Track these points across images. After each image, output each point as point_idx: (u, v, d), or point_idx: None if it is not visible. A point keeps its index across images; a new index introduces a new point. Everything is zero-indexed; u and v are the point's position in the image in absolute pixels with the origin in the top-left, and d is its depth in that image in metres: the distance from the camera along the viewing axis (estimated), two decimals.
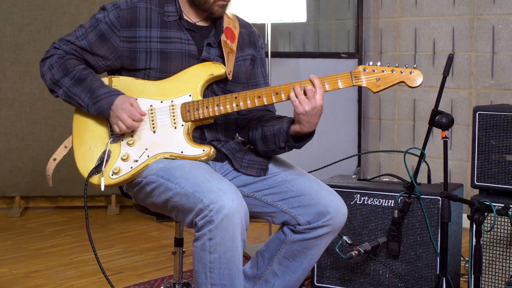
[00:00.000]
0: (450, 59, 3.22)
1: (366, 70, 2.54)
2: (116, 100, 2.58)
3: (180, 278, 2.91)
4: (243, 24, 2.83)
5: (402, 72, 2.53)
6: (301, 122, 2.51)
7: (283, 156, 2.76)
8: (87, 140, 2.67)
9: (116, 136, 2.63)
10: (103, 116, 2.62)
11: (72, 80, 2.62)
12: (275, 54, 4.92)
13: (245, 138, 2.78)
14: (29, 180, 5.32)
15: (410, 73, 2.53)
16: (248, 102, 2.56)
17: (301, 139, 2.60)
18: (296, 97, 2.48)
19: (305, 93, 2.48)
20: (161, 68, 2.63)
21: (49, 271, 4.02)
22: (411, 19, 5.13)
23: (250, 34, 2.82)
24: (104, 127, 2.66)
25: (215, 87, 2.68)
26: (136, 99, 2.63)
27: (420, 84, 2.53)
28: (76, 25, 2.85)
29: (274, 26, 5.30)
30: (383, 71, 2.53)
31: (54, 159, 2.77)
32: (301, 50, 5.73)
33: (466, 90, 4.88)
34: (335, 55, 5.32)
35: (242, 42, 2.78)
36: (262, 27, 4.43)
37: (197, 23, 2.70)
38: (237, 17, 2.81)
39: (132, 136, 2.62)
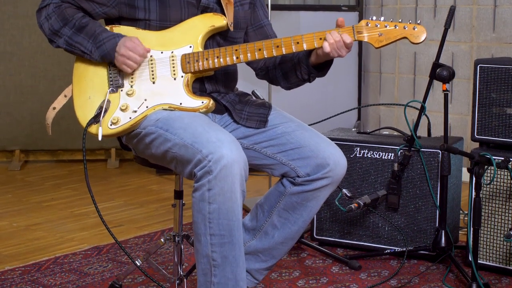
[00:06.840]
0: (452, 12, 3.19)
1: (369, 25, 2.52)
2: (119, 41, 2.56)
3: (180, 230, 2.92)
4: None
5: (405, 28, 2.50)
6: (321, 59, 2.59)
7: (283, 109, 2.76)
8: (87, 90, 2.64)
9: (116, 86, 2.61)
10: (107, 60, 2.59)
11: (72, 29, 2.60)
12: (275, 7, 4.87)
13: (266, 79, 2.85)
14: (28, 133, 5.32)
15: (414, 29, 2.50)
16: (249, 54, 2.55)
17: (321, 68, 2.65)
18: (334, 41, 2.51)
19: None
20: (160, 17, 2.60)
21: (50, 224, 4.04)
22: None
23: None
24: (104, 77, 2.64)
25: (217, 36, 2.66)
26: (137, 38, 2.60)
27: (423, 41, 2.51)
28: None
29: None
30: (385, 26, 2.51)
31: (54, 108, 2.75)
32: (302, 3, 5.68)
33: (467, 43, 4.85)
34: (336, 8, 5.28)
35: None
36: None
37: None
38: None
39: (131, 87, 2.60)
